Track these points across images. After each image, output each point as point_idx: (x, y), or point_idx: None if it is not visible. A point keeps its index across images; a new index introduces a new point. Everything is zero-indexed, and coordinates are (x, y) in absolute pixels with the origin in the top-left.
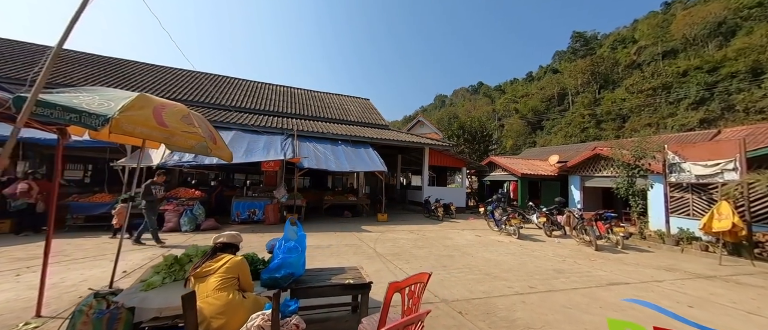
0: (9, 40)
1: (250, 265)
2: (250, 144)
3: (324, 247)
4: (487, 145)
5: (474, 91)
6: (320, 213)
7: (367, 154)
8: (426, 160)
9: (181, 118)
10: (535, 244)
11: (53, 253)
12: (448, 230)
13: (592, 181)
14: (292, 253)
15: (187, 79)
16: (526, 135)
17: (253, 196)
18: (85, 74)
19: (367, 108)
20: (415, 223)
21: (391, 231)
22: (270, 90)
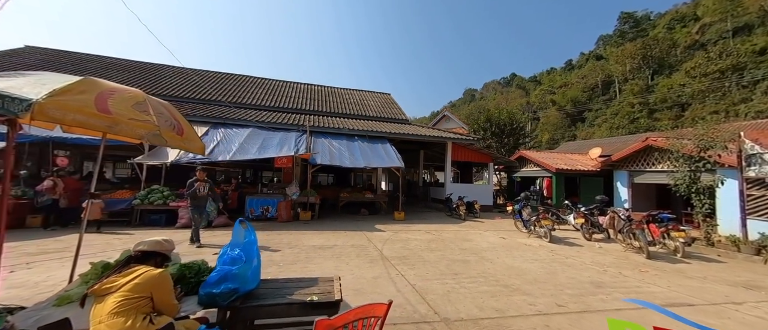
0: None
1: (195, 277)
2: (266, 141)
3: (327, 247)
4: (517, 138)
5: (506, 84)
6: (337, 210)
7: (384, 150)
8: (448, 155)
9: (132, 106)
10: (571, 249)
11: (62, 248)
12: (468, 231)
13: (642, 177)
14: (235, 264)
15: (212, 79)
16: (565, 128)
17: (268, 192)
18: (118, 79)
19: (387, 103)
20: (433, 223)
21: (406, 231)
22: (289, 87)
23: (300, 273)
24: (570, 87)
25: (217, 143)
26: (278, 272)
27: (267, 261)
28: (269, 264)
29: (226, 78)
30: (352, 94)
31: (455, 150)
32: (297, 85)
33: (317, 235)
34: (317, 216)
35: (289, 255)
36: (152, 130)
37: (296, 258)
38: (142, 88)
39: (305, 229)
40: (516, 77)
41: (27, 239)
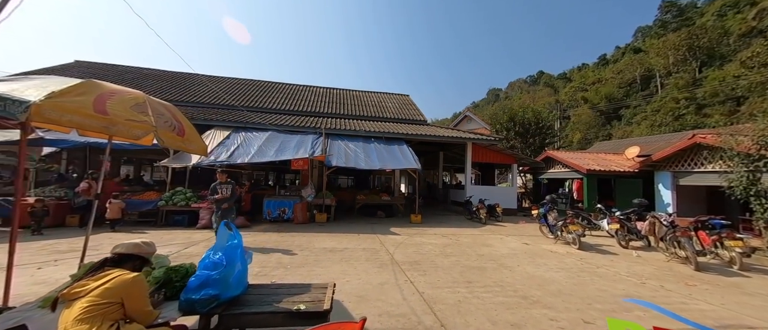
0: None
1: (181, 281)
2: (283, 143)
3: (338, 250)
4: (544, 138)
5: (533, 82)
6: (353, 213)
7: (401, 151)
8: (468, 156)
9: (131, 107)
10: (603, 257)
11: (90, 247)
12: (488, 235)
13: (689, 178)
14: (216, 269)
15: (236, 86)
16: (599, 127)
17: (286, 194)
18: (153, 88)
19: (405, 104)
20: (451, 226)
21: (421, 234)
22: (309, 91)
23: (305, 276)
24: (604, 83)
25: (237, 146)
26: (284, 275)
27: (275, 263)
28: (277, 266)
29: (249, 84)
30: (370, 97)
31: (476, 151)
32: (316, 88)
33: (330, 238)
34: (333, 218)
35: (298, 257)
36: (148, 130)
37: (305, 260)
38: (173, 96)
39: (319, 231)
40: (543, 75)
41: (62, 237)
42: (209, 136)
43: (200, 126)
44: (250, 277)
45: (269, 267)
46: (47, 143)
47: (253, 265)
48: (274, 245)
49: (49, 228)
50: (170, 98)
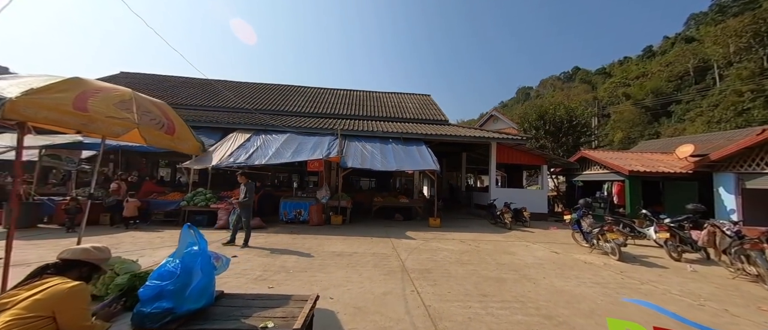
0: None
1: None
2: (300, 145)
3: (346, 254)
4: (578, 137)
5: (568, 79)
6: (371, 215)
7: (419, 152)
8: (492, 157)
9: (114, 104)
10: (649, 271)
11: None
12: (512, 242)
13: (758, 181)
14: (170, 279)
15: (261, 90)
16: (644, 125)
17: (303, 196)
18: (185, 95)
19: (425, 104)
20: (472, 231)
21: (439, 239)
22: (329, 94)
23: (305, 283)
24: (650, 77)
25: (256, 148)
26: (284, 280)
27: (279, 267)
28: (280, 270)
29: (272, 88)
30: (389, 97)
31: (501, 151)
32: (335, 91)
33: (341, 241)
34: (349, 220)
35: (303, 261)
36: (129, 127)
37: (310, 265)
38: (202, 101)
39: (333, 234)
40: (579, 71)
41: (89, 234)
42: (231, 139)
43: (224, 129)
44: (251, 281)
45: (272, 271)
46: (86, 147)
47: (255, 268)
48: (284, 247)
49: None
50: (199, 103)
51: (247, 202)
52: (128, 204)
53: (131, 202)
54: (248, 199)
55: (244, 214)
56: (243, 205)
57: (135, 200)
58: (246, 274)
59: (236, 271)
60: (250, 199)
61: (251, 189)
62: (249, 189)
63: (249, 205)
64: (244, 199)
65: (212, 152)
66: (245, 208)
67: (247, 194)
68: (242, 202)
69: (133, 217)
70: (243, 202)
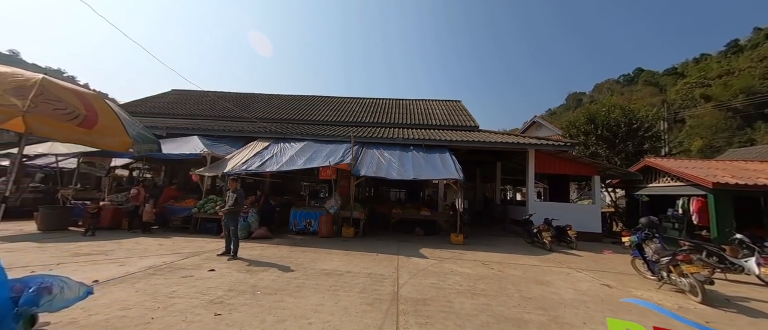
0: None
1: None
2: (315, 152)
3: (337, 274)
4: (640, 143)
5: (628, 82)
6: (388, 228)
7: (442, 160)
8: (530, 165)
9: (7, 89)
10: (752, 323)
11: (97, 252)
12: (549, 268)
13: None
14: None
15: (291, 101)
16: (732, 130)
17: (315, 205)
18: (223, 107)
19: (455, 110)
20: (502, 251)
21: (456, 260)
22: (355, 103)
23: (265, 310)
24: (737, 75)
25: (272, 156)
26: (243, 304)
27: (249, 287)
28: (247, 291)
29: (300, 99)
30: (416, 104)
31: (540, 160)
32: (361, 99)
33: (341, 257)
34: (362, 233)
35: (281, 281)
36: (11, 114)
37: (285, 286)
38: (235, 112)
39: (337, 247)
40: (643, 72)
41: (104, 239)
42: (250, 147)
43: (247, 138)
44: (204, 304)
45: (236, 292)
46: (117, 155)
47: (221, 286)
48: (274, 261)
49: (107, 229)
50: (232, 115)
51: (234, 210)
52: (145, 210)
53: (148, 208)
54: (236, 207)
55: (231, 222)
56: (229, 213)
57: (150, 206)
58: (206, 294)
59: (200, 289)
60: (238, 208)
61: (241, 196)
62: (238, 196)
63: (237, 213)
64: (231, 206)
65: (229, 159)
66: (232, 217)
67: (236, 202)
68: (229, 210)
69: (151, 222)
70: (229, 210)
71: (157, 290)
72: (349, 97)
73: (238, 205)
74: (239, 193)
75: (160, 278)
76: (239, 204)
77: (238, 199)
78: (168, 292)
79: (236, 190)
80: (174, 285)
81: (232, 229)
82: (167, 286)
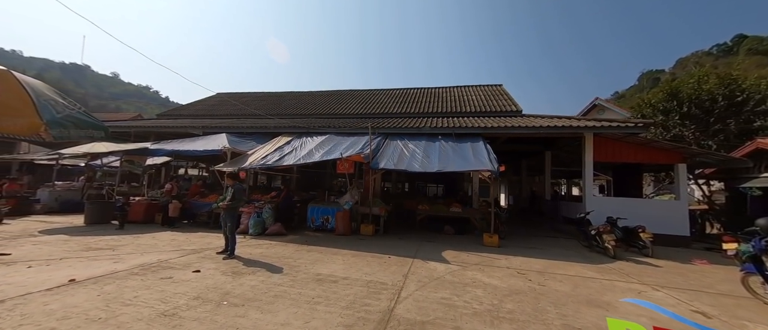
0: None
1: None
2: (335, 146)
3: (329, 281)
4: (749, 120)
5: (725, 52)
6: (414, 226)
7: (473, 150)
8: (587, 153)
9: None
10: None
11: (108, 247)
12: (612, 283)
13: None
14: None
15: (320, 97)
16: None
17: (335, 201)
18: (257, 105)
19: (494, 95)
20: (547, 257)
21: (484, 267)
22: (384, 94)
23: (218, 326)
24: None
25: (292, 150)
26: (200, 316)
27: (221, 294)
28: (215, 299)
29: (329, 94)
30: (448, 92)
31: (602, 146)
32: (390, 91)
33: (347, 259)
34: (382, 231)
35: (263, 288)
36: None
37: (262, 295)
38: (269, 110)
39: (350, 247)
40: (746, 39)
41: (133, 232)
42: (273, 142)
43: (271, 134)
44: (158, 314)
45: (202, 300)
46: (152, 153)
47: (191, 292)
48: (272, 261)
49: (141, 224)
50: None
51: (231, 206)
52: (172, 206)
53: (174, 203)
54: (232, 203)
55: (228, 219)
56: (227, 210)
57: (175, 202)
58: (165, 302)
59: (164, 295)
60: (235, 203)
61: (238, 192)
62: (235, 191)
63: (234, 209)
64: (228, 202)
65: (249, 155)
66: (230, 214)
67: (234, 197)
68: (226, 206)
69: (176, 217)
70: (226, 206)
71: (118, 295)
72: (377, 88)
73: (236, 202)
74: (237, 189)
75: (137, 280)
76: (236, 200)
77: (235, 195)
78: (128, 297)
79: (234, 186)
80: (142, 289)
81: (228, 225)
82: (134, 290)
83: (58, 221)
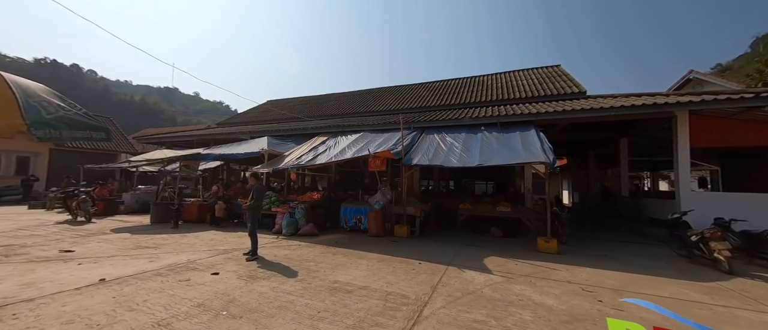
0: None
1: None
2: (368, 142)
3: (344, 290)
4: None
5: None
6: (457, 227)
7: (522, 140)
8: (681, 137)
9: None
10: None
11: (152, 245)
12: (730, 311)
13: None
14: None
15: (357, 96)
16: None
17: (368, 200)
18: (300, 109)
19: (550, 77)
20: (625, 269)
21: (536, 279)
22: (422, 88)
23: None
24: None
25: (326, 149)
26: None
27: (224, 303)
28: (213, 310)
29: (367, 93)
30: (495, 79)
31: (703, 127)
32: (429, 84)
33: (372, 264)
34: (418, 232)
35: (271, 297)
36: None
37: (266, 305)
38: (311, 113)
39: (379, 250)
40: None
41: (183, 231)
42: (309, 143)
43: (309, 134)
44: (153, 322)
45: (203, 308)
46: (203, 158)
47: (194, 298)
48: (293, 265)
49: (194, 223)
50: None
51: (252, 206)
52: (218, 206)
53: (219, 204)
54: (253, 203)
55: (250, 219)
56: (249, 210)
57: (221, 203)
58: (168, 309)
59: (170, 301)
60: (255, 203)
61: (256, 192)
62: (254, 191)
63: (255, 209)
64: (251, 202)
65: (286, 156)
66: (251, 214)
67: (252, 197)
68: (249, 206)
69: (223, 217)
70: (249, 206)
71: (130, 299)
72: (416, 83)
73: (255, 201)
74: (256, 189)
75: (157, 282)
76: (256, 200)
77: (253, 195)
78: (137, 301)
79: (257, 186)
80: (155, 292)
81: (249, 226)
82: (147, 293)
83: (132, 221)
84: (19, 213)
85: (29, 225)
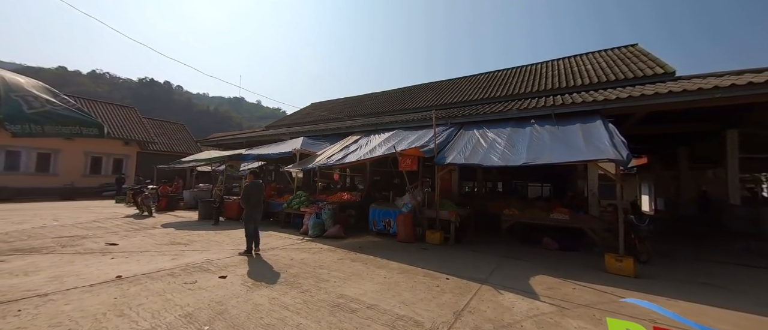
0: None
1: None
2: (400, 140)
3: (350, 309)
4: None
5: None
6: (501, 234)
7: (585, 133)
8: None
9: None
10: None
11: (185, 241)
12: None
13: None
14: None
15: (393, 95)
16: None
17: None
18: (340, 109)
19: (625, 58)
20: (741, 305)
21: (600, 314)
22: (465, 82)
23: None
24: None
25: (357, 148)
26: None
27: (213, 314)
28: (198, 322)
29: (404, 91)
30: (551, 66)
31: None
32: (473, 77)
33: (390, 276)
34: (453, 239)
35: (262, 311)
36: None
37: (254, 321)
38: (350, 113)
39: (404, 259)
40: None
41: (222, 228)
42: (342, 142)
43: (343, 134)
44: (128, 325)
45: (189, 319)
46: (244, 158)
47: (189, 304)
48: (304, 272)
49: (235, 220)
50: (347, 115)
51: (244, 203)
52: None
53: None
54: (243, 200)
55: (244, 217)
56: (248, 208)
57: None
58: (156, 317)
59: (162, 307)
60: (245, 201)
61: (249, 189)
62: (246, 189)
63: (248, 207)
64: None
65: (318, 155)
66: (246, 211)
67: (242, 194)
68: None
69: None
70: (241, 202)
71: (129, 301)
72: (454, 78)
73: (242, 199)
74: (245, 187)
75: (164, 283)
76: (242, 196)
77: (254, 191)
78: (132, 305)
79: (253, 183)
80: (156, 295)
81: (249, 225)
82: (148, 295)
83: (184, 216)
84: (106, 206)
85: (104, 217)
